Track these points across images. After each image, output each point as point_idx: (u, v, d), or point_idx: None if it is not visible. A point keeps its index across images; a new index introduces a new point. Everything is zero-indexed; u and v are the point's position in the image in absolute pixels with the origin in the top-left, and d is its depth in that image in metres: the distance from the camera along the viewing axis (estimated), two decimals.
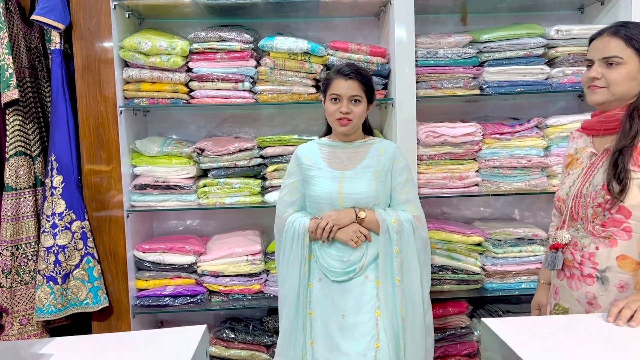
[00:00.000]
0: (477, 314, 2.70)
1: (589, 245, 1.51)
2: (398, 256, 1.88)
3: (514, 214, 2.91)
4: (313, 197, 1.95)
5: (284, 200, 2.02)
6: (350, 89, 1.88)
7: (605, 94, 1.51)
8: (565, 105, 2.85)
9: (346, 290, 1.89)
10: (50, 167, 2.36)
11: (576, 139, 1.72)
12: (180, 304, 2.49)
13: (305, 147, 2.05)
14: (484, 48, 2.49)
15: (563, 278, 1.60)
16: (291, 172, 2.02)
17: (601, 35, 1.54)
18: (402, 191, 1.95)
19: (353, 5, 2.56)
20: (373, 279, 1.89)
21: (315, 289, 1.94)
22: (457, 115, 2.74)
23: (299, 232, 1.92)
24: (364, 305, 1.87)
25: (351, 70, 1.90)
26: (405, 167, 1.97)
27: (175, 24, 2.73)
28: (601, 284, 1.48)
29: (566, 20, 2.81)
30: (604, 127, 1.56)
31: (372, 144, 1.99)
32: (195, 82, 2.48)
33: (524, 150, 2.52)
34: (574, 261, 1.55)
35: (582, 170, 1.59)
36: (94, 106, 2.40)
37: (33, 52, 2.48)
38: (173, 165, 2.51)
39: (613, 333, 1.23)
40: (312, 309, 1.93)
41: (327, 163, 1.97)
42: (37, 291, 2.32)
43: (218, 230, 2.81)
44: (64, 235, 2.34)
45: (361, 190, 1.90)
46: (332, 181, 1.92)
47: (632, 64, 1.48)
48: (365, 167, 1.93)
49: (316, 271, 1.94)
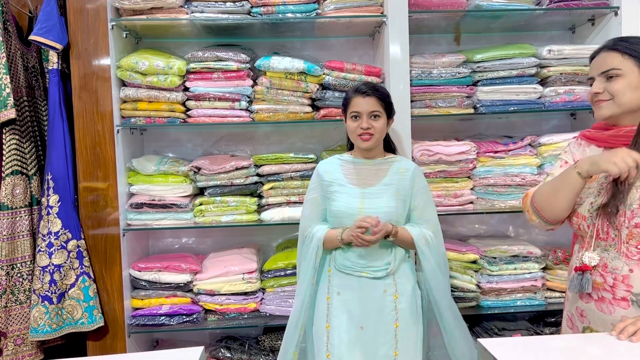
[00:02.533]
0: (473, 332, 2.70)
1: (622, 267, 1.45)
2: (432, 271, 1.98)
3: (509, 231, 2.92)
4: (334, 212, 2.00)
5: (305, 216, 2.09)
6: (369, 105, 1.95)
7: (611, 107, 1.50)
8: (558, 123, 2.89)
9: (365, 303, 1.94)
10: (46, 186, 2.36)
11: (583, 146, 1.65)
12: (176, 323, 2.47)
13: (326, 163, 2.10)
14: (477, 68, 2.53)
15: (590, 300, 1.53)
16: (312, 188, 2.08)
17: (599, 52, 1.56)
18: (424, 211, 2.02)
19: (348, 26, 2.59)
20: (392, 293, 1.95)
21: (333, 301, 1.98)
22: (452, 133, 2.77)
23: (315, 244, 1.99)
24: (384, 317, 1.94)
25: (368, 88, 1.98)
26: (425, 187, 2.04)
27: (172, 43, 2.75)
28: (638, 308, 1.42)
29: (558, 40, 2.86)
30: (622, 142, 1.51)
31: (394, 162, 2.04)
32: (192, 101, 2.50)
33: (517, 168, 2.55)
34: (604, 284, 1.48)
35: (601, 185, 1.53)
36: (90, 125, 2.41)
37: (30, 71, 2.50)
38: (169, 183, 2.52)
39: (609, 353, 1.24)
40: (329, 321, 1.97)
41: (348, 179, 2.02)
42: (32, 311, 2.30)
43: (214, 249, 2.81)
44: (60, 254, 2.33)
45: (382, 207, 1.94)
46: (353, 197, 1.98)
47: (632, 74, 1.48)
48: (386, 185, 1.99)
49: (336, 285, 1.99)
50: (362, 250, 1.94)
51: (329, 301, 1.99)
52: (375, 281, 1.95)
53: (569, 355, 1.23)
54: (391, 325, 1.94)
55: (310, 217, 2.07)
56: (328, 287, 2.01)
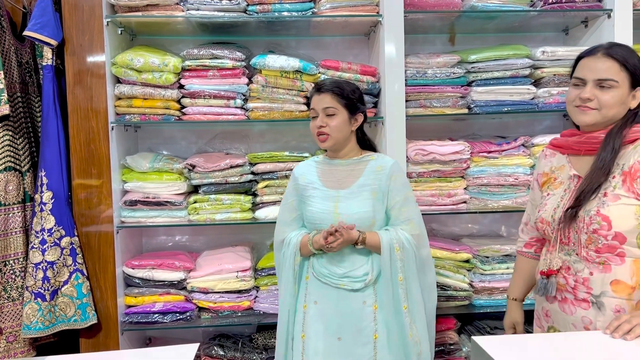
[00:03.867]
0: (465, 330, 2.72)
1: (583, 270, 1.49)
2: (403, 283, 1.83)
3: (501, 231, 2.94)
4: (309, 217, 1.91)
5: (280, 222, 2.00)
6: (322, 102, 1.85)
7: (597, 116, 1.49)
8: (551, 124, 2.91)
9: (343, 315, 1.85)
10: (40, 182, 2.35)
11: (549, 156, 1.69)
12: (169, 320, 2.47)
13: (302, 166, 2.02)
14: (471, 68, 2.54)
15: (554, 302, 1.58)
16: (288, 193, 2.00)
17: (594, 54, 1.51)
18: (402, 210, 1.87)
19: (344, 25, 2.60)
20: (371, 304, 1.85)
21: (310, 310, 1.89)
22: (446, 133, 2.78)
23: (292, 251, 1.91)
24: (362, 329, 1.84)
25: (324, 84, 1.88)
26: (404, 184, 1.91)
27: (167, 40, 2.74)
28: (597, 309, 1.47)
29: (551, 41, 2.88)
30: (585, 148, 1.54)
31: (370, 161, 1.92)
32: (187, 99, 2.50)
33: (511, 168, 2.57)
34: (566, 285, 1.53)
35: (564, 192, 1.58)
36: (85, 122, 2.40)
37: (24, 67, 2.48)
38: (164, 181, 2.51)
39: (602, 351, 1.25)
40: (304, 331, 1.88)
41: (322, 182, 1.93)
42: (25, 308, 2.29)
43: (208, 246, 2.81)
44: (53, 251, 2.32)
45: (357, 210, 1.84)
46: (327, 201, 1.88)
47: (623, 88, 1.47)
48: (361, 186, 1.87)
49: (313, 293, 1.90)
50: (339, 259, 1.86)
51: (306, 310, 1.90)
52: (354, 293, 1.85)
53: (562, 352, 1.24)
54: (370, 336, 1.84)
55: (286, 223, 1.98)
56: (305, 295, 1.91)
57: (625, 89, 1.48)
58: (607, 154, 1.47)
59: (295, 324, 1.91)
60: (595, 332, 1.37)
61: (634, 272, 1.44)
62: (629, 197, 1.44)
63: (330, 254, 1.87)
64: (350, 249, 1.86)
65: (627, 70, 1.47)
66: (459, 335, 2.67)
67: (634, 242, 1.44)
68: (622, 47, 1.52)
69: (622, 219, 1.42)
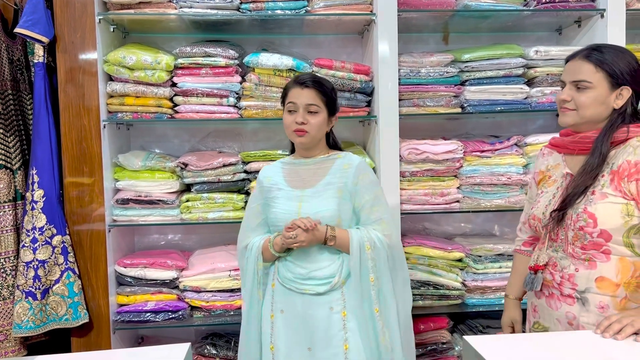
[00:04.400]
0: (457, 329, 2.72)
1: (569, 266, 1.53)
2: (375, 284, 1.74)
3: (494, 230, 2.95)
4: (272, 219, 1.82)
5: (244, 228, 1.92)
6: (306, 98, 1.77)
7: (575, 117, 1.54)
8: (544, 123, 2.92)
9: (311, 323, 1.75)
10: (31, 180, 2.33)
11: (546, 155, 1.74)
12: (161, 319, 2.46)
13: (268, 168, 1.94)
14: (465, 67, 2.54)
15: (541, 297, 1.62)
16: (253, 197, 1.93)
17: (574, 57, 1.57)
18: (372, 210, 1.79)
19: (337, 23, 2.59)
20: (339, 310, 1.75)
21: (277, 320, 1.80)
22: (439, 132, 2.78)
23: (254, 256, 1.82)
24: (331, 338, 1.74)
25: (308, 79, 1.80)
26: (372, 183, 1.83)
27: (160, 38, 2.73)
28: (582, 305, 1.50)
29: (545, 41, 2.88)
30: (579, 148, 1.58)
31: (336, 159, 1.84)
32: (179, 97, 2.49)
33: (503, 167, 2.57)
34: (553, 281, 1.56)
35: (556, 189, 1.61)
36: (76, 120, 2.38)
37: (15, 64, 2.46)
38: (156, 179, 2.50)
39: (594, 351, 1.25)
40: (273, 342, 1.79)
41: (287, 182, 1.85)
42: (16, 307, 2.28)
43: (200, 245, 2.80)
44: (44, 250, 2.31)
45: (322, 209, 1.76)
46: (291, 201, 1.80)
47: (600, 89, 1.50)
48: (326, 185, 1.79)
49: (279, 301, 1.81)
50: (304, 258, 1.77)
51: (273, 320, 1.80)
52: (320, 298, 1.74)
53: (554, 351, 1.25)
54: (340, 347, 1.73)
55: (250, 228, 1.89)
56: (272, 304, 1.82)
57: (603, 89, 1.51)
58: (595, 159, 1.50)
59: (263, 334, 1.83)
60: (586, 331, 1.38)
61: (619, 270, 1.47)
62: (616, 195, 1.46)
63: (296, 255, 1.78)
64: (318, 249, 1.77)
65: (604, 70, 1.50)
66: (452, 334, 2.68)
67: (619, 240, 1.46)
68: (605, 48, 1.54)
69: (608, 217, 1.45)
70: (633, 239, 1.46)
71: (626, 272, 1.46)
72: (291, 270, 1.80)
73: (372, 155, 2.56)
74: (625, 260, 1.47)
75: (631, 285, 1.46)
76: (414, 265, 2.54)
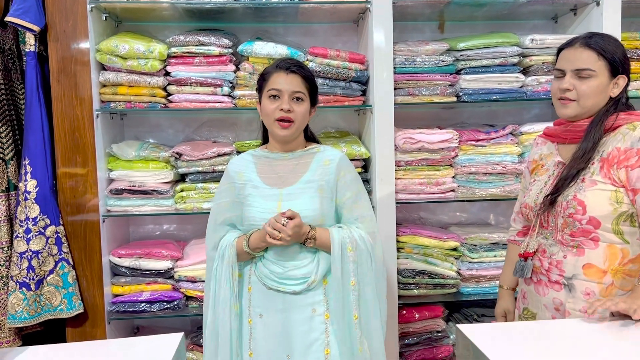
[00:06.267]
0: (453, 318, 2.74)
1: (558, 253, 1.55)
2: (355, 289, 1.65)
3: (489, 219, 2.95)
4: (249, 218, 1.70)
5: (211, 222, 1.79)
6: (293, 85, 1.65)
7: (576, 109, 1.53)
8: (539, 112, 2.91)
9: (291, 326, 1.67)
10: (24, 170, 2.32)
11: (540, 145, 1.75)
12: (156, 309, 2.46)
13: (237, 162, 1.80)
14: (460, 56, 2.53)
15: (530, 283, 1.64)
16: (221, 191, 1.79)
17: (572, 45, 1.55)
18: (353, 207, 1.71)
19: (332, 12, 2.57)
20: (322, 313, 1.68)
21: (256, 325, 1.71)
22: (434, 121, 2.77)
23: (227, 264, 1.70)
24: (312, 343, 1.66)
25: (293, 64, 1.68)
26: (353, 179, 1.74)
27: (153, 27, 2.70)
28: (568, 291, 1.52)
29: (540, 29, 2.87)
30: (570, 136, 1.59)
31: (316, 154, 1.74)
32: (173, 86, 2.47)
33: (499, 156, 2.57)
34: (541, 267, 1.59)
35: (548, 177, 1.63)
36: (69, 109, 2.36)
37: (7, 53, 2.44)
38: (150, 169, 2.49)
39: (585, 339, 1.26)
40: (252, 348, 1.70)
41: (262, 179, 1.73)
42: (10, 297, 2.27)
43: (195, 235, 2.79)
44: (38, 240, 2.30)
45: (303, 209, 1.65)
46: (269, 200, 1.68)
47: (602, 77, 1.51)
48: (307, 182, 1.70)
49: (258, 305, 1.72)
50: (282, 255, 1.68)
51: (251, 325, 1.71)
52: (300, 299, 1.66)
53: (546, 340, 1.25)
54: (321, 352, 1.65)
55: (218, 225, 1.77)
56: (249, 309, 1.72)
57: (605, 78, 1.51)
58: (589, 143, 1.51)
59: (242, 340, 1.73)
60: (576, 319, 1.38)
61: (607, 257, 1.48)
62: (605, 183, 1.48)
63: (272, 253, 1.70)
64: (296, 247, 1.69)
65: (605, 59, 1.50)
66: (447, 323, 2.69)
67: (608, 228, 1.47)
68: (602, 36, 1.55)
69: (597, 204, 1.46)
70: (622, 226, 1.47)
71: (614, 259, 1.48)
72: (267, 267, 1.71)
73: (367, 144, 2.55)
74: (613, 247, 1.48)
75: (619, 272, 1.48)
76: (408, 254, 2.55)
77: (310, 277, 1.67)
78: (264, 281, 1.71)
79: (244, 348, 1.72)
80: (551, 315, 1.57)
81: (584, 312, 1.35)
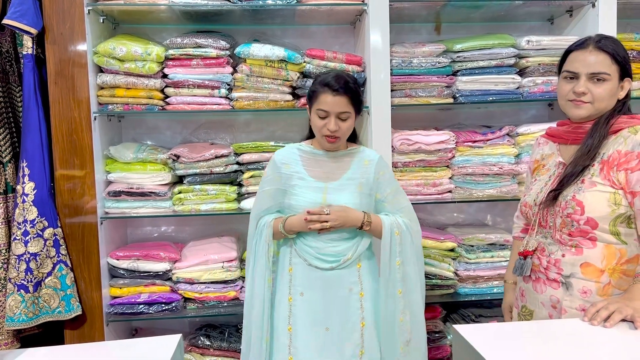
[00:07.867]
0: (450, 319, 2.74)
1: (556, 252, 1.56)
2: (400, 267, 1.85)
3: (487, 219, 2.96)
4: (295, 207, 1.86)
5: (256, 209, 1.93)
6: (338, 106, 1.77)
7: (590, 110, 1.53)
8: (536, 113, 2.92)
9: (330, 303, 1.84)
10: (21, 173, 2.32)
11: (542, 145, 1.76)
12: (154, 311, 2.47)
13: (284, 154, 1.93)
14: (457, 57, 2.54)
15: (529, 281, 1.66)
16: (268, 180, 1.92)
17: (584, 47, 1.54)
18: (394, 200, 1.91)
19: (329, 14, 2.58)
20: (357, 292, 1.85)
21: (296, 302, 1.86)
22: (431, 123, 2.78)
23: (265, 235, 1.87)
24: (349, 317, 1.84)
25: (340, 85, 1.76)
26: (391, 177, 1.94)
27: (150, 29, 2.71)
28: (565, 289, 1.54)
29: (536, 30, 2.88)
30: (572, 138, 1.61)
31: (357, 154, 1.92)
32: (170, 88, 2.47)
33: (495, 157, 2.58)
34: (540, 266, 1.60)
35: (549, 177, 1.64)
36: (67, 112, 2.37)
37: (4, 56, 2.44)
38: (148, 171, 2.50)
39: (582, 339, 1.27)
40: (291, 324, 1.85)
41: (309, 172, 1.88)
42: (8, 300, 2.27)
43: (193, 237, 2.80)
44: (36, 242, 2.30)
45: (346, 202, 1.84)
46: (315, 192, 1.85)
47: (614, 80, 1.52)
48: (349, 179, 1.88)
49: (299, 284, 1.86)
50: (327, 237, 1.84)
51: (291, 302, 1.86)
52: (338, 279, 1.84)
53: (543, 340, 1.26)
54: (357, 324, 1.84)
55: (261, 211, 1.91)
56: (290, 288, 1.87)
57: (616, 81, 1.53)
58: (594, 140, 1.52)
59: (279, 318, 1.87)
60: (573, 319, 1.39)
61: (605, 256, 1.50)
62: (605, 184, 1.49)
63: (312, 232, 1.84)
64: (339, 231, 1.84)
65: (617, 62, 1.51)
66: (444, 324, 2.70)
67: (606, 229, 1.49)
68: (610, 39, 1.55)
69: (596, 205, 1.48)
70: (619, 227, 1.48)
71: (611, 258, 1.49)
72: (308, 244, 1.86)
73: (364, 145, 2.55)
74: (611, 247, 1.50)
75: (616, 271, 1.49)
76: None
77: (346, 255, 1.84)
78: (304, 256, 1.87)
79: (281, 324, 1.87)
80: (548, 313, 1.58)
81: (581, 310, 1.36)
